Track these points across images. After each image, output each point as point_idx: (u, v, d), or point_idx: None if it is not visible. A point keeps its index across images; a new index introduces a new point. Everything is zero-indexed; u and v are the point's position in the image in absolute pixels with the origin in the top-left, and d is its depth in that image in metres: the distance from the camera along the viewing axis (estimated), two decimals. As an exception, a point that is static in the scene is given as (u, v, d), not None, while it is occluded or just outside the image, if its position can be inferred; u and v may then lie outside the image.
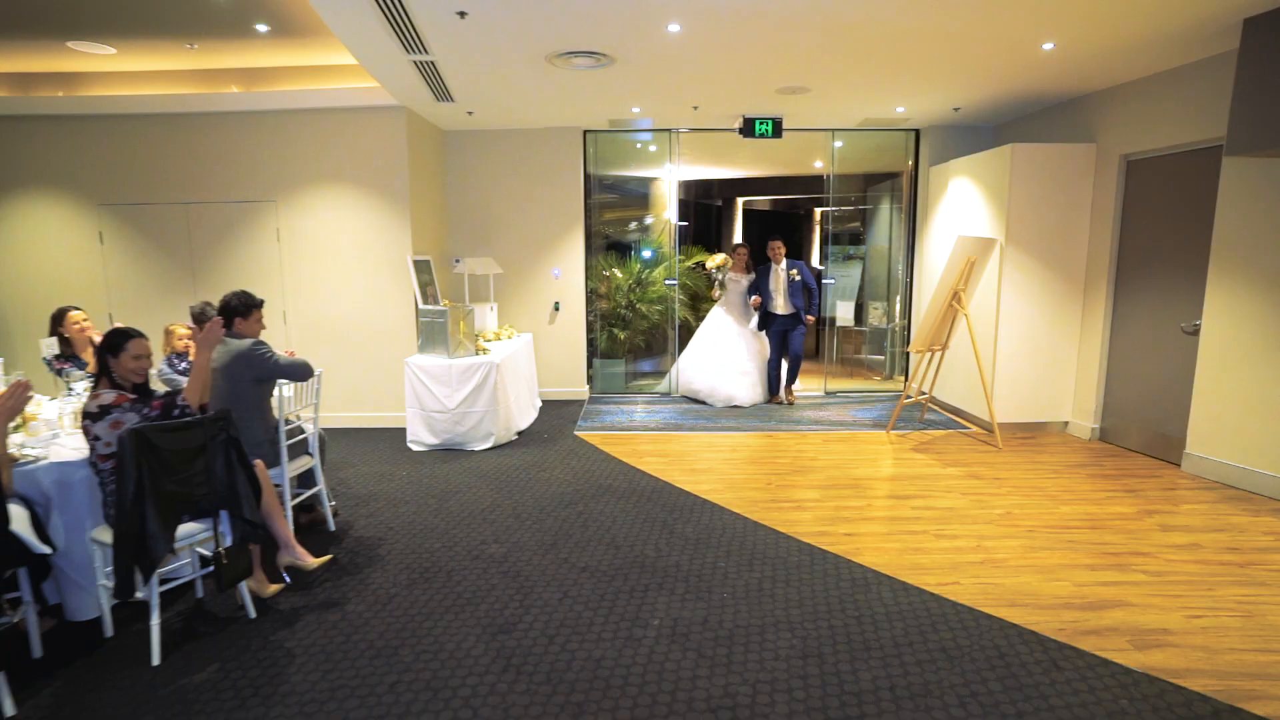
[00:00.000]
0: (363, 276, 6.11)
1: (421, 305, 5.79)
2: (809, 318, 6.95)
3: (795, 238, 12.09)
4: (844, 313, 8.41)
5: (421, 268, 6.21)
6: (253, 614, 2.94)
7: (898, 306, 7.97)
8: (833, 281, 8.17)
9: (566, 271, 7.20)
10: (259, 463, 3.06)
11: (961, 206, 6.27)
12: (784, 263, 6.87)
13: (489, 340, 6.48)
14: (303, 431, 3.77)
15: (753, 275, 7.14)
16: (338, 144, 5.96)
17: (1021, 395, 5.78)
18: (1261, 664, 2.57)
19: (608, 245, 8.21)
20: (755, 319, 7.18)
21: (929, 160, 6.97)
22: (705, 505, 4.23)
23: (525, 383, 6.47)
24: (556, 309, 7.25)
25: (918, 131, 7.13)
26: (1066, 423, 5.85)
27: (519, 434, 5.91)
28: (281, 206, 6.03)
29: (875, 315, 8.59)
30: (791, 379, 7.11)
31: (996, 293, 5.65)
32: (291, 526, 3.49)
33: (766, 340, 7.19)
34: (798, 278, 6.82)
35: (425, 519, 4.06)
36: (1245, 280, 4.37)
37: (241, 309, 3.39)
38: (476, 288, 7.10)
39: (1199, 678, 2.48)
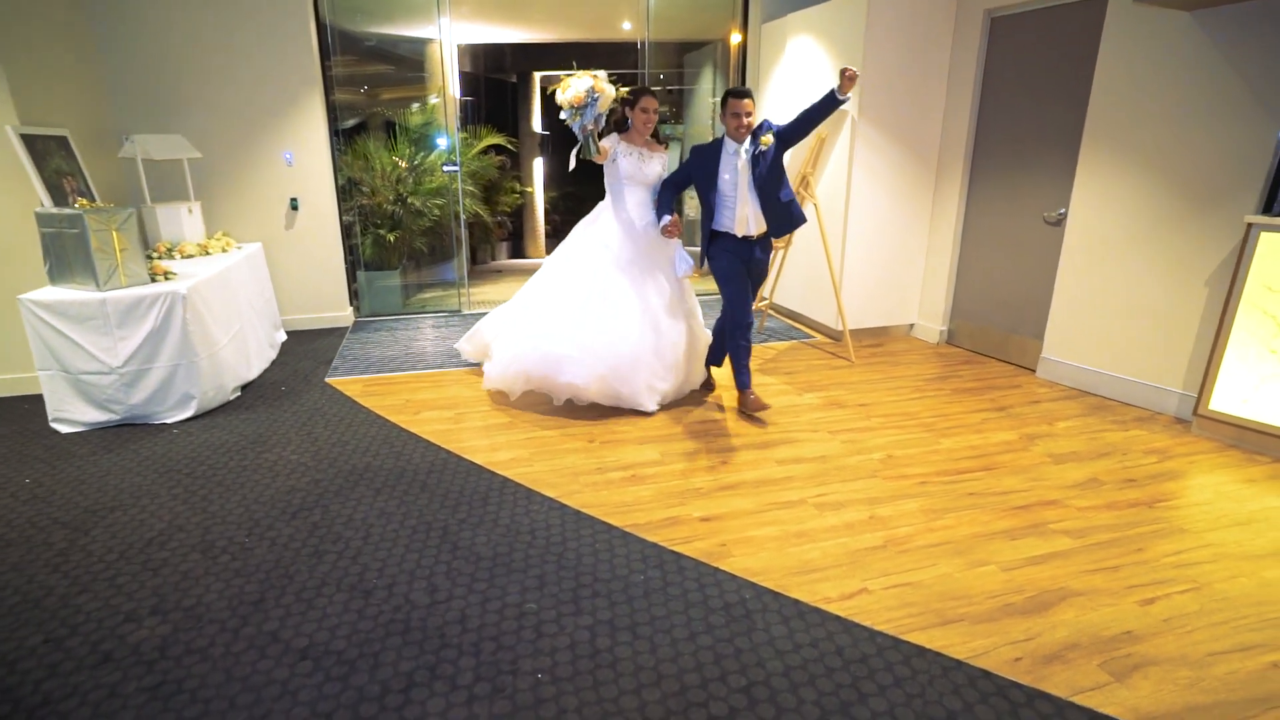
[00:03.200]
0: (-57, 163, 3.84)
1: (42, 209, 3.72)
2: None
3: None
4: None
5: (48, 148, 4.04)
6: None
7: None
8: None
9: (304, 157, 5.26)
10: None
11: (802, 72, 5.22)
12: (749, 141, 3.49)
13: (189, 256, 4.54)
14: None
15: (665, 152, 3.82)
16: None
17: (869, 296, 5.06)
18: (1255, 673, 1.92)
19: (382, 125, 6.27)
20: (678, 252, 3.80)
21: (761, 18, 5.80)
22: (507, 488, 2.99)
23: (255, 314, 4.65)
24: (294, 207, 5.34)
25: (746, -19, 5.90)
26: (912, 325, 5.28)
27: (243, 389, 4.20)
28: None
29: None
30: (744, 369, 3.74)
31: (846, 177, 4.76)
32: None
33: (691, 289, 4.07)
34: (768, 145, 3.45)
35: (33, 577, 2.42)
36: (1121, 161, 3.77)
37: None
38: (166, 181, 4.96)
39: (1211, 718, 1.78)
